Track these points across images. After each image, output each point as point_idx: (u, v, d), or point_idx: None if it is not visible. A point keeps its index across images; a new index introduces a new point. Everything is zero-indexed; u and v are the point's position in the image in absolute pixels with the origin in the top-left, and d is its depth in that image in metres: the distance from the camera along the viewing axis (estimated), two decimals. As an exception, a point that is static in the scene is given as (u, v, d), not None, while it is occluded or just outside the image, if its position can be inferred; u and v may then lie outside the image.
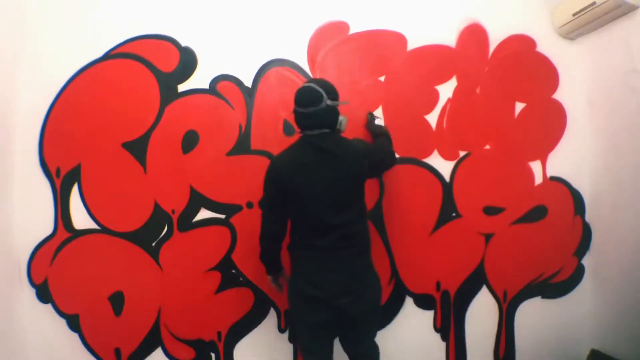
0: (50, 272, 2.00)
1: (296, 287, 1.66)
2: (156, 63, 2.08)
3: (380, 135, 1.94)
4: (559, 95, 2.28)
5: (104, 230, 2.04)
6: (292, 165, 1.59)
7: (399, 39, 2.20)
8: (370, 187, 2.15)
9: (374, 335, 1.76)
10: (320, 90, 1.57)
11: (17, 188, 1.99)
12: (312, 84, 1.59)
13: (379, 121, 2.04)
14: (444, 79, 2.21)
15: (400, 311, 2.18)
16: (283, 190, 1.59)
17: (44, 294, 2.00)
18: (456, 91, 2.21)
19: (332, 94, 1.61)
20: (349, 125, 1.80)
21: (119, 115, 2.05)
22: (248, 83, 2.12)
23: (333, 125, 1.63)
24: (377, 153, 1.76)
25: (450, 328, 2.22)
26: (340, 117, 1.67)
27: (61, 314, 2.01)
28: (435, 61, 2.21)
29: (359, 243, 1.64)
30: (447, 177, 2.20)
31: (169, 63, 2.08)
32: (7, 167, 1.97)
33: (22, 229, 1.99)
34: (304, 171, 1.57)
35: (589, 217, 2.27)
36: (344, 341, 1.74)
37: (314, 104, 1.55)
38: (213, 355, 2.10)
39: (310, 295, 1.59)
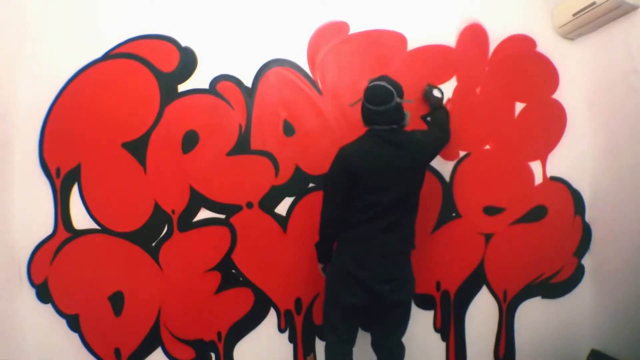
0: (50, 272, 2.00)
1: (342, 266, 1.70)
2: (156, 63, 2.08)
3: (438, 109, 2.03)
4: (559, 95, 2.28)
5: (104, 230, 2.04)
6: (361, 153, 1.67)
7: (399, 39, 2.20)
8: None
9: (403, 332, 1.80)
10: (392, 88, 1.65)
11: (17, 188, 1.99)
12: (383, 83, 1.67)
13: (437, 92, 2.06)
14: (444, 79, 2.21)
15: (400, 311, 2.18)
16: (350, 176, 1.65)
17: (44, 294, 2.00)
18: (456, 91, 2.21)
19: (399, 91, 1.69)
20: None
21: (119, 115, 2.05)
22: (248, 83, 2.12)
23: (400, 121, 1.71)
24: (437, 138, 1.88)
25: (450, 328, 2.22)
26: (405, 113, 1.74)
27: (61, 314, 2.01)
28: (435, 61, 2.21)
29: (408, 234, 1.75)
30: (447, 177, 2.20)
31: (169, 63, 2.08)
32: (7, 167, 1.97)
33: (22, 229, 1.99)
34: (372, 159, 1.65)
35: (589, 217, 2.27)
36: (375, 333, 1.78)
37: (386, 102, 1.64)
38: (213, 355, 2.10)
39: (355, 276, 1.65)
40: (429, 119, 2.15)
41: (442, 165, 2.20)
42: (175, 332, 2.08)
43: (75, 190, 2.03)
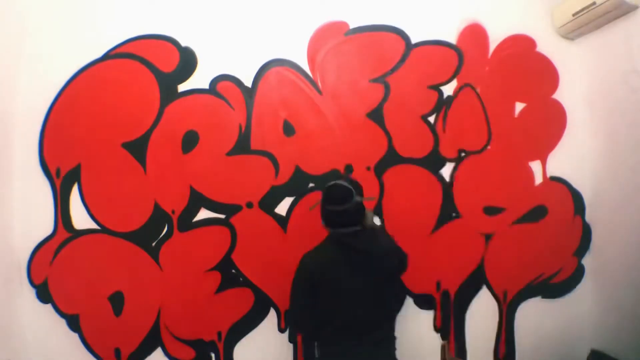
0: (50, 272, 2.00)
1: None
2: (156, 63, 2.08)
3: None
4: (559, 95, 2.28)
5: (104, 230, 2.04)
6: (324, 264, 1.60)
7: (399, 39, 2.20)
8: (370, 187, 2.15)
9: None
10: (350, 187, 1.60)
11: (17, 188, 1.99)
12: (340, 182, 1.62)
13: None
14: (443, 79, 2.21)
15: (400, 311, 2.18)
16: (315, 290, 1.59)
17: (44, 294, 2.00)
18: (456, 91, 2.21)
19: (358, 189, 1.64)
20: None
21: (119, 115, 2.05)
22: (248, 83, 2.12)
23: (361, 220, 1.62)
24: (403, 256, 1.80)
25: (450, 328, 2.22)
26: (367, 212, 1.65)
27: (61, 314, 2.01)
28: (435, 61, 2.21)
29: (388, 341, 1.67)
30: (447, 177, 2.20)
31: (169, 63, 2.08)
32: (7, 167, 1.97)
33: (22, 229, 1.99)
34: (337, 270, 1.58)
35: (589, 217, 2.27)
36: None
37: (347, 201, 1.57)
38: (213, 355, 2.10)
39: None
40: (429, 119, 2.16)
41: (442, 165, 2.20)
42: (175, 332, 2.08)
43: (75, 191, 2.03)
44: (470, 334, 2.23)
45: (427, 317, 2.21)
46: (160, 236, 2.06)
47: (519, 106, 2.25)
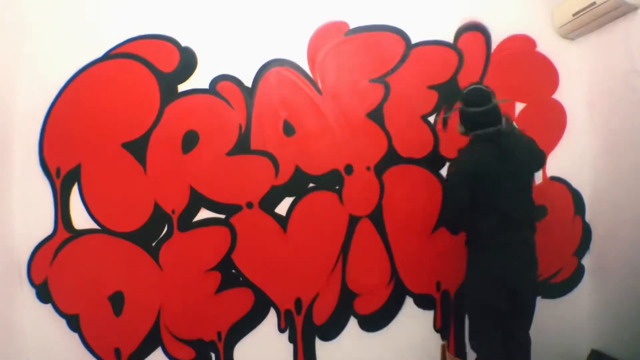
0: (50, 272, 2.00)
1: (485, 274, 1.73)
2: (156, 63, 2.08)
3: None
4: (559, 95, 2.28)
5: (104, 230, 2.04)
6: (481, 161, 1.70)
7: (399, 39, 2.20)
8: (370, 187, 2.15)
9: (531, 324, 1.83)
10: (489, 89, 1.73)
11: (17, 188, 1.99)
12: (478, 85, 1.76)
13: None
14: (444, 79, 2.20)
15: (400, 311, 2.18)
16: (472, 187, 1.69)
17: (44, 294, 2.00)
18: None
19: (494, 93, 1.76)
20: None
21: (119, 115, 2.05)
22: (248, 83, 2.12)
23: (501, 120, 1.74)
24: (541, 153, 1.93)
25: (450, 328, 2.22)
26: (503, 114, 1.76)
27: (61, 314, 2.01)
28: (436, 61, 2.21)
29: (533, 231, 1.79)
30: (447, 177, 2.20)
31: (169, 63, 2.08)
32: (7, 167, 1.97)
33: (22, 229, 1.99)
34: (493, 165, 1.68)
35: (589, 217, 2.27)
36: (508, 330, 1.79)
37: (488, 102, 1.70)
38: (213, 355, 2.10)
39: (501, 280, 1.69)
40: (429, 119, 2.16)
41: (442, 165, 2.20)
42: (175, 332, 2.07)
43: (75, 190, 2.03)
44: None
45: (427, 317, 2.21)
46: (160, 236, 2.06)
47: (519, 106, 2.25)
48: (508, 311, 1.74)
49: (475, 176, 1.68)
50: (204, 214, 2.08)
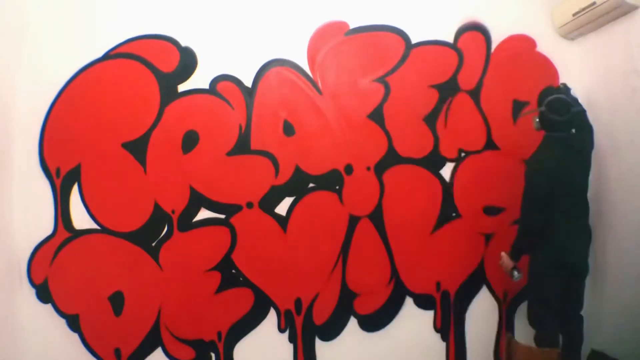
0: (50, 272, 2.00)
1: (552, 257, 1.87)
2: (156, 63, 2.08)
3: None
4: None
5: (104, 230, 2.04)
6: (559, 162, 1.86)
7: (399, 39, 2.20)
8: (370, 187, 2.15)
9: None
10: (569, 98, 1.90)
11: (17, 188, 1.99)
12: (561, 95, 1.89)
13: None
14: (444, 79, 2.20)
15: (400, 311, 2.18)
16: (552, 187, 1.84)
17: (44, 294, 2.00)
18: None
19: (575, 99, 1.93)
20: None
21: (119, 115, 2.05)
22: (248, 83, 2.12)
23: (574, 126, 1.93)
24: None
25: (450, 328, 2.22)
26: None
27: (61, 314, 2.01)
28: (436, 61, 2.21)
29: (588, 217, 2.01)
30: (447, 177, 2.20)
31: (169, 63, 2.08)
32: (7, 167, 1.97)
33: (22, 229, 1.99)
34: (569, 165, 1.88)
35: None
36: (564, 312, 1.93)
37: (567, 113, 1.88)
38: (213, 355, 2.10)
39: (565, 262, 1.87)
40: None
41: (442, 165, 2.20)
42: (175, 332, 2.07)
43: (75, 190, 2.03)
44: (470, 334, 2.23)
45: (427, 317, 2.21)
46: (160, 236, 2.06)
47: (519, 106, 2.25)
48: (568, 291, 1.92)
49: (553, 173, 1.84)
50: (204, 214, 2.08)
